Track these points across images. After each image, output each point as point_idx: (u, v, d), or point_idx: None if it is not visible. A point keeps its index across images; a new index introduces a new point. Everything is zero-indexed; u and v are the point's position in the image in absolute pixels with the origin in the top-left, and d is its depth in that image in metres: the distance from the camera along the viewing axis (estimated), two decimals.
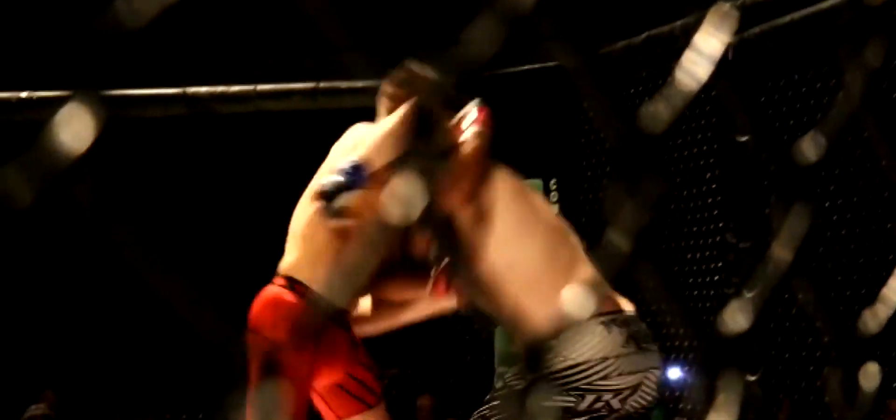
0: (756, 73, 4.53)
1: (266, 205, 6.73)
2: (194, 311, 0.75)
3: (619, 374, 2.74)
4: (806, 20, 4.24)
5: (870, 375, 1.06)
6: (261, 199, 6.76)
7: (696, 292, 5.00)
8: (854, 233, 4.00)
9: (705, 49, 0.88)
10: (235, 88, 5.69)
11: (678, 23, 4.71)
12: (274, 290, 3.16)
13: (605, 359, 2.72)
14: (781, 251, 1.07)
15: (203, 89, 5.67)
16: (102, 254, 5.95)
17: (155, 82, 5.79)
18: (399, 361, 7.85)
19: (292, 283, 3.15)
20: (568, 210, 5.29)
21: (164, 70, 6.17)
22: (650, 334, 2.84)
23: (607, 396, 2.76)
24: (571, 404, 2.72)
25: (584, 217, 5.08)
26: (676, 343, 5.02)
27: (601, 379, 2.73)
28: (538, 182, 5.34)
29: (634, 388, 2.76)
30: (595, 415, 2.74)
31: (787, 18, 4.34)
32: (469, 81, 0.83)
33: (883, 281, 1.07)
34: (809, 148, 1.00)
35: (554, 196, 5.33)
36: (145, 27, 0.86)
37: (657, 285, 0.96)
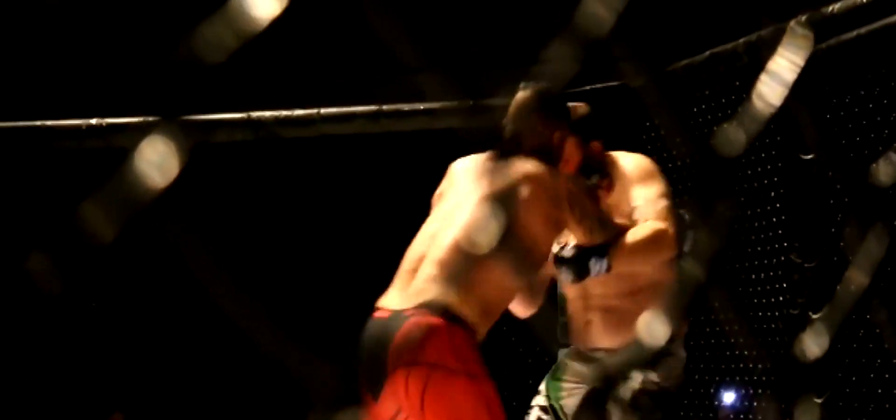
0: (822, 90, 4.48)
1: (334, 229, 6.77)
2: (276, 344, 0.76)
3: None
4: (873, 35, 4.20)
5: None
6: (327, 223, 6.80)
7: (760, 313, 4.94)
8: None
9: (780, 72, 0.87)
10: (299, 112, 5.74)
11: (741, 40, 4.68)
12: (438, 324, 2.95)
13: None
14: (858, 274, 1.06)
15: (267, 114, 5.72)
16: (178, 278, 6.02)
17: (218, 107, 5.86)
18: None
19: (452, 317, 2.95)
20: None
21: (227, 95, 6.24)
22: None
23: None
24: None
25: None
26: (743, 365, 4.97)
27: None
28: None
29: None
30: None
31: (854, 33, 4.29)
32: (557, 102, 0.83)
33: None
34: (886, 169, 0.99)
35: None
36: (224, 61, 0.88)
37: (730, 311, 0.95)
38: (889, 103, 4.24)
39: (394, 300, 3.00)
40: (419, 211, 3.28)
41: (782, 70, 0.90)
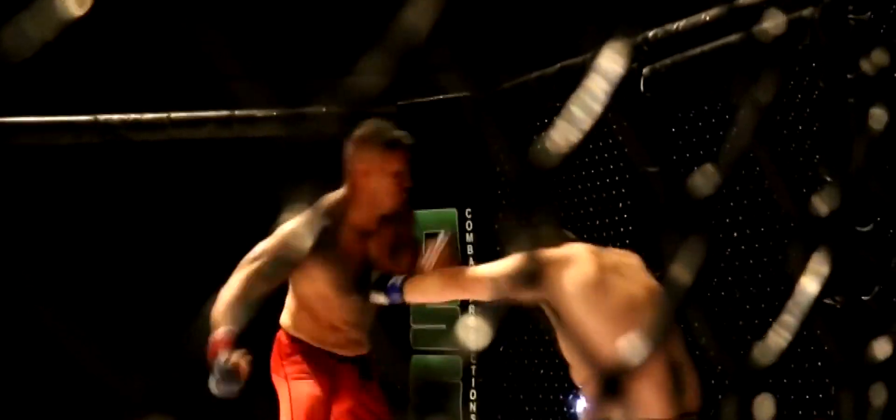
0: (667, 105, 4.59)
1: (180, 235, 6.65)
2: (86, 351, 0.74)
3: None
4: (715, 52, 4.31)
5: (763, 408, 1.07)
6: (175, 228, 6.68)
7: None
8: (754, 263, 4.06)
9: (596, 84, 0.88)
10: (148, 116, 5.64)
11: (589, 54, 4.75)
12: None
13: None
14: (678, 278, 1.08)
15: (115, 117, 5.60)
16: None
17: (66, 109, 5.72)
18: None
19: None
20: (483, 239, 5.31)
21: (76, 97, 6.08)
22: None
23: None
24: None
25: (499, 246, 5.09)
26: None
27: None
28: (453, 212, 5.36)
29: None
30: None
31: (698, 50, 4.41)
32: (361, 111, 0.83)
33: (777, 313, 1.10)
34: (702, 181, 1.02)
35: (469, 225, 5.35)
36: (41, 54, 0.85)
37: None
38: (730, 117, 4.36)
39: None
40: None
41: (599, 82, 0.92)
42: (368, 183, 3.48)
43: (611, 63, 0.95)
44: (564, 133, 0.89)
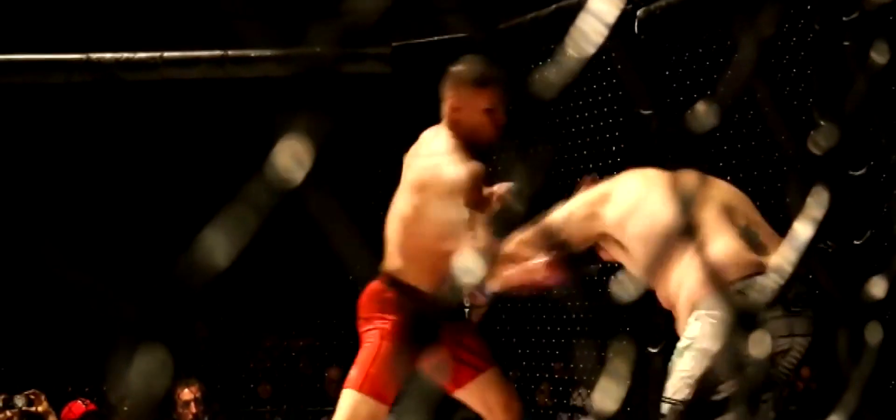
0: (662, 46, 4.58)
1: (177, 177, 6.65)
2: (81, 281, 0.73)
3: None
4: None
5: (759, 345, 1.07)
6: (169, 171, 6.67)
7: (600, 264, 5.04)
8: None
9: (594, 18, 0.87)
10: (141, 55, 5.60)
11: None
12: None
13: None
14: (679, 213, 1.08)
15: (108, 55, 5.56)
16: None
17: (57, 48, 5.68)
18: (310, 333, 7.82)
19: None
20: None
21: (68, 36, 6.04)
22: None
23: None
24: None
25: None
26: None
27: None
28: None
29: None
30: None
31: None
32: (354, 49, 0.82)
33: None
34: (703, 116, 1.01)
35: None
36: None
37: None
38: (727, 58, 4.35)
39: None
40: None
41: (596, 15, 0.91)
42: (462, 119, 3.48)
43: (606, 3, 0.94)
44: (559, 72, 0.88)
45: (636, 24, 4.53)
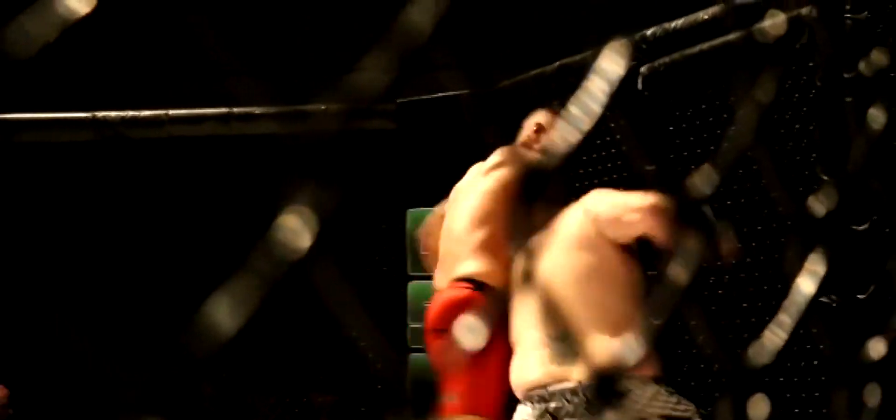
0: (666, 102, 4.59)
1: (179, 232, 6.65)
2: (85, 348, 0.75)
3: None
4: (713, 51, 4.32)
5: (758, 408, 1.08)
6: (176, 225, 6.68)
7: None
8: (751, 262, 4.07)
9: (598, 82, 0.89)
10: (146, 113, 5.64)
11: (589, 52, 4.75)
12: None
13: None
14: (676, 276, 1.09)
15: (113, 114, 5.60)
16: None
17: (63, 106, 5.72)
18: (314, 389, 7.82)
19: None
20: None
21: (73, 94, 6.08)
22: None
23: None
24: None
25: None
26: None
27: None
28: None
29: None
30: None
31: (696, 49, 4.41)
32: (365, 109, 0.83)
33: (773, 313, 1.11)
34: (702, 180, 1.02)
35: None
36: (46, 51, 0.86)
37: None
38: (714, 121, 4.37)
39: None
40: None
41: (599, 83, 0.92)
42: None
43: (611, 64, 0.95)
44: (564, 134, 0.90)
45: (640, 80, 4.55)
